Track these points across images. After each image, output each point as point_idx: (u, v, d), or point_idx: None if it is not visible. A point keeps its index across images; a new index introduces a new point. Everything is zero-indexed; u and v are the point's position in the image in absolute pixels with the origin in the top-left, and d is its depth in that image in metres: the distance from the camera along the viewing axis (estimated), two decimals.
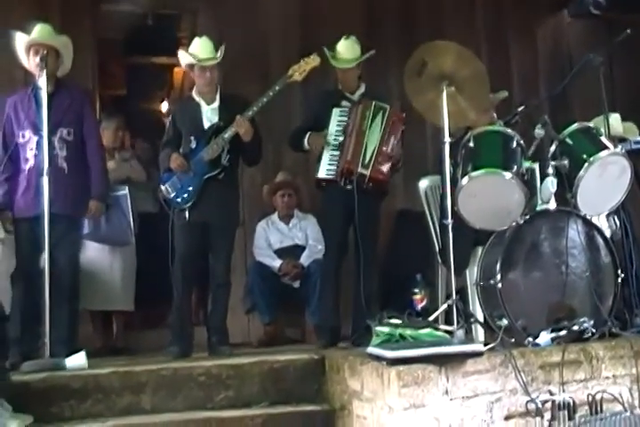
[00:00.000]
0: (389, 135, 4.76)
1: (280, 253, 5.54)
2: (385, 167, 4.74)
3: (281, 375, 3.88)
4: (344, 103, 4.86)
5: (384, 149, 4.73)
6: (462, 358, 3.10)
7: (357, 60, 4.87)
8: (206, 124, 4.69)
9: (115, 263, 5.30)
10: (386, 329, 3.58)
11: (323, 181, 4.84)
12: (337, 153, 4.77)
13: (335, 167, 4.75)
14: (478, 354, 3.13)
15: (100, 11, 6.27)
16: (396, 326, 3.60)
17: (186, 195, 4.60)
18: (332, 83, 5.10)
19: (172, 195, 4.65)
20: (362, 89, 4.95)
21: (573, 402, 2.81)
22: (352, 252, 4.82)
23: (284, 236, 5.63)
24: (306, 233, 5.59)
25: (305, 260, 5.46)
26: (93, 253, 5.20)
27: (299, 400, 3.80)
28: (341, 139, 4.77)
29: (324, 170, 4.78)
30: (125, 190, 5.29)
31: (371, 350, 3.33)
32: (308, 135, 4.85)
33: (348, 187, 4.70)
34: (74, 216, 4.67)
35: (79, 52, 5.87)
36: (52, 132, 4.42)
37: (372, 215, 4.79)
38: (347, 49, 4.89)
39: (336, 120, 4.81)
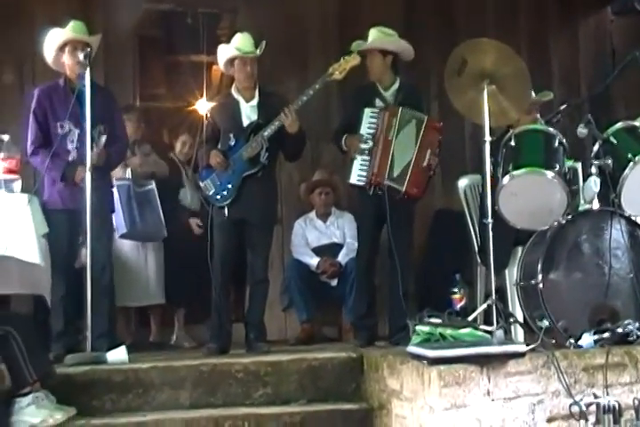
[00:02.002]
0: (426, 148, 4.64)
1: (318, 250, 5.54)
2: (422, 181, 4.66)
3: (319, 373, 3.88)
4: (377, 102, 4.79)
5: (420, 162, 4.63)
6: (504, 358, 3.07)
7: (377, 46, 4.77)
8: (245, 122, 4.70)
9: (148, 258, 5.37)
10: (426, 328, 3.57)
11: (354, 186, 4.82)
12: (367, 158, 4.71)
13: (365, 173, 4.69)
14: (520, 355, 3.10)
15: (142, 9, 6.32)
16: (437, 325, 3.59)
17: (225, 192, 4.62)
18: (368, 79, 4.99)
19: (212, 192, 4.68)
20: (396, 85, 4.84)
21: (619, 405, 2.76)
22: (387, 252, 4.76)
23: (321, 234, 5.64)
24: (343, 231, 5.59)
25: (342, 258, 5.46)
26: (126, 249, 5.26)
27: (336, 399, 3.81)
28: (371, 144, 4.71)
29: (355, 175, 4.73)
30: (152, 185, 5.37)
31: (411, 349, 3.31)
32: (344, 137, 4.81)
33: (379, 193, 4.66)
34: (108, 211, 4.73)
35: (121, 50, 6.03)
36: (92, 127, 4.47)
37: (405, 218, 4.72)
38: (372, 34, 4.84)
39: (367, 122, 4.73)
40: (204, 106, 7.36)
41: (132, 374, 3.82)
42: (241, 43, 4.71)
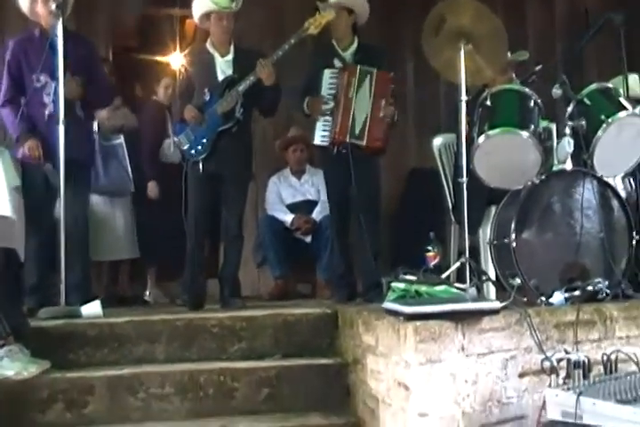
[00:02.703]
0: (379, 99, 4.63)
1: (292, 207, 5.58)
2: (381, 132, 4.64)
3: (294, 328, 3.92)
4: (336, 63, 4.74)
5: (377, 114, 4.62)
6: (478, 315, 3.11)
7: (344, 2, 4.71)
8: (220, 77, 4.66)
9: (117, 213, 5.38)
10: (401, 285, 3.61)
11: (318, 148, 4.81)
12: (330, 119, 4.68)
13: (328, 133, 4.68)
14: (494, 312, 3.15)
15: None
16: (412, 282, 3.63)
17: (199, 147, 4.61)
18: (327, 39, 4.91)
19: (186, 146, 4.66)
20: (354, 45, 4.78)
21: (588, 361, 2.84)
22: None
23: (295, 191, 5.66)
24: (318, 188, 5.61)
25: (317, 215, 5.49)
26: (95, 203, 5.23)
27: (311, 354, 3.85)
28: (332, 104, 4.68)
29: (319, 136, 4.71)
30: (121, 139, 5.36)
31: (387, 305, 3.35)
32: (306, 100, 4.76)
33: (343, 151, 4.64)
34: (88, 163, 4.69)
35: (93, 3, 5.90)
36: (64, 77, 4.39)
37: (370, 174, 4.71)
38: None
39: (327, 83, 4.69)
40: (177, 59, 7.29)
41: (108, 329, 3.83)
42: None
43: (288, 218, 5.49)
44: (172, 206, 4.84)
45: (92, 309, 4.11)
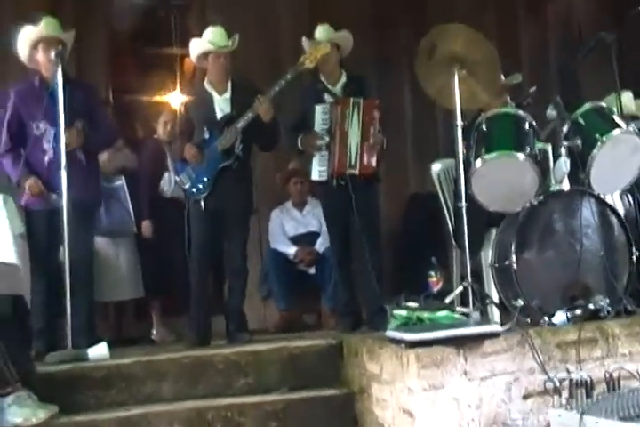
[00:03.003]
0: (368, 127, 4.66)
1: (295, 240, 5.60)
2: (372, 160, 4.67)
3: (299, 361, 3.92)
4: (327, 98, 4.79)
5: (366, 142, 4.65)
6: (480, 339, 3.13)
7: (329, 41, 4.77)
8: (219, 115, 4.71)
9: (120, 253, 5.42)
10: (403, 312, 3.62)
11: (317, 182, 4.84)
12: (325, 153, 4.72)
13: (326, 168, 4.71)
14: (495, 335, 3.16)
15: (114, 3, 6.32)
16: (414, 309, 3.64)
17: (201, 185, 4.64)
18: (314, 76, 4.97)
19: (187, 185, 4.69)
20: (343, 79, 4.84)
21: (591, 380, 2.83)
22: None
23: (298, 223, 5.68)
24: (320, 220, 5.60)
25: (320, 246, 5.51)
26: (98, 245, 5.22)
27: (318, 385, 3.84)
28: (328, 139, 4.71)
29: (317, 172, 4.76)
30: (122, 181, 5.41)
31: (389, 333, 3.36)
32: (300, 138, 4.81)
33: (342, 183, 4.67)
34: (91, 207, 4.73)
35: (92, 45, 6.01)
36: (70, 124, 4.45)
37: (370, 204, 4.75)
38: (320, 32, 4.85)
39: (320, 119, 4.74)
40: (177, 98, 7.39)
41: (115, 370, 3.83)
42: (214, 36, 4.70)
43: (291, 250, 5.51)
44: (175, 243, 4.87)
45: (99, 351, 4.11)
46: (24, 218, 4.57)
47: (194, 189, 4.67)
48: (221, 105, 4.73)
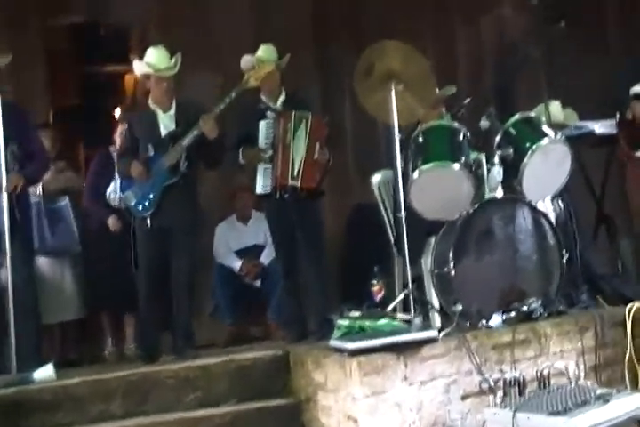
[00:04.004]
0: (314, 142, 4.77)
1: (240, 253, 5.63)
2: (316, 175, 4.77)
3: (247, 373, 3.99)
4: (269, 114, 4.86)
5: (311, 157, 4.75)
6: (419, 344, 3.23)
7: (277, 62, 4.89)
8: (163, 132, 4.74)
9: (65, 273, 5.35)
10: (346, 322, 3.70)
11: (261, 195, 4.91)
12: (269, 166, 4.81)
13: (269, 181, 4.80)
14: (434, 340, 3.26)
15: (48, 24, 6.31)
16: (356, 318, 3.72)
17: (147, 202, 4.66)
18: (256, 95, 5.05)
19: (133, 202, 4.70)
20: (283, 95, 4.94)
21: (523, 379, 2.96)
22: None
23: (243, 236, 5.73)
24: (265, 232, 5.64)
25: (265, 258, 5.56)
26: (42, 266, 5.22)
27: (266, 396, 3.90)
28: (271, 152, 4.80)
29: (260, 185, 4.84)
30: (66, 200, 5.37)
31: (333, 342, 3.44)
32: (241, 150, 4.88)
33: (285, 196, 4.76)
34: (27, 229, 4.72)
35: (28, 67, 5.98)
36: (4, 147, 4.44)
37: (313, 217, 4.84)
38: (264, 52, 4.94)
39: (264, 133, 4.83)
40: (119, 116, 7.40)
41: (61, 391, 3.84)
42: (156, 59, 4.71)
43: (236, 264, 5.56)
44: (122, 257, 4.89)
45: (45, 372, 4.07)
46: None
47: (139, 207, 4.68)
48: (165, 122, 4.75)
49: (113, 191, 5.32)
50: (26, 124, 4.72)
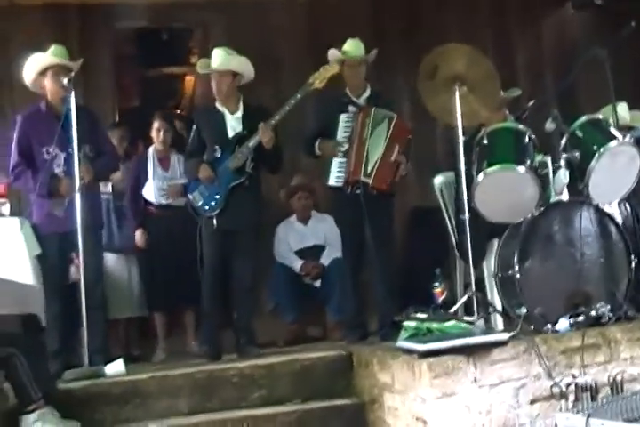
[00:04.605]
0: (393, 144, 4.79)
1: (301, 253, 5.67)
2: (388, 177, 4.79)
3: (311, 372, 4.02)
4: (350, 108, 4.91)
5: (388, 158, 4.77)
6: (488, 347, 3.23)
7: (364, 56, 4.94)
8: (230, 134, 4.80)
9: (132, 270, 5.46)
10: (413, 324, 3.72)
11: (333, 188, 4.94)
12: (344, 160, 4.85)
13: (343, 175, 4.83)
14: (503, 343, 3.26)
15: (117, 29, 6.44)
16: (423, 320, 3.73)
17: (213, 203, 4.73)
18: (340, 88, 5.12)
19: (200, 203, 4.77)
20: (367, 92, 4.98)
21: (595, 384, 2.94)
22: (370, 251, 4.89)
23: (302, 237, 5.76)
24: (324, 233, 5.71)
25: (325, 259, 5.59)
26: (110, 262, 5.33)
27: (329, 396, 3.94)
28: (347, 146, 4.84)
29: (334, 177, 4.87)
30: None
31: (401, 344, 3.46)
32: (318, 142, 4.93)
33: (357, 192, 4.78)
34: (98, 229, 4.84)
35: (98, 70, 6.13)
36: (78, 150, 4.55)
37: (383, 216, 4.84)
38: (353, 46, 4.98)
39: (343, 127, 4.87)
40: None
41: (131, 386, 3.93)
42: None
43: (297, 264, 5.59)
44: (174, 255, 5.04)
45: (116, 367, 4.19)
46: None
47: (206, 207, 4.75)
48: (233, 124, 4.81)
49: (145, 191, 5.39)
50: (96, 125, 4.84)
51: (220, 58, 4.81)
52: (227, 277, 4.94)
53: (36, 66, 4.67)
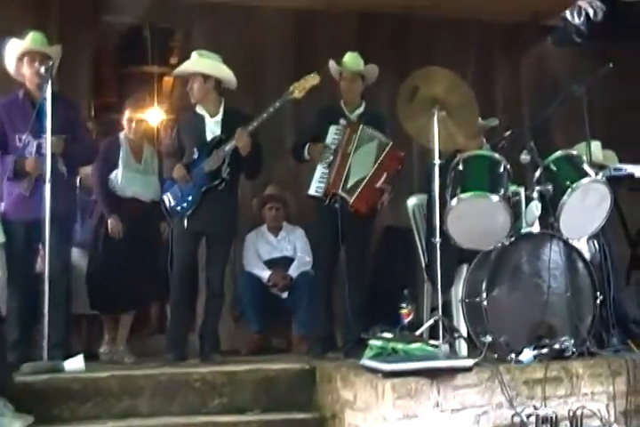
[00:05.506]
0: (381, 171, 4.86)
1: (269, 264, 5.69)
2: (370, 201, 4.85)
3: (273, 383, 4.04)
4: (341, 121, 4.97)
5: (373, 183, 4.84)
6: (452, 372, 3.28)
7: (360, 70, 5.04)
8: (209, 137, 4.82)
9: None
10: (379, 343, 3.76)
11: (312, 197, 4.98)
12: (327, 171, 4.91)
13: (323, 185, 4.89)
14: (467, 369, 3.31)
15: (99, 21, 6.41)
16: (388, 339, 3.78)
17: (185, 204, 4.74)
18: (334, 100, 5.22)
19: (173, 203, 4.79)
20: (361, 108, 5.07)
21: (555, 416, 3.00)
22: (342, 266, 4.96)
23: (272, 247, 5.79)
24: (294, 245, 5.76)
25: (293, 271, 5.62)
26: (75, 256, 5.22)
27: (290, 408, 3.96)
28: (332, 158, 4.91)
29: (314, 187, 4.92)
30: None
31: (365, 362, 3.49)
32: (307, 145, 4.99)
33: (336, 206, 4.84)
34: (70, 220, 4.80)
35: (76, 61, 6.08)
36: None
37: (361, 234, 4.91)
38: (353, 59, 5.08)
39: (331, 138, 4.93)
40: (155, 115, 7.50)
41: (91, 383, 3.92)
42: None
43: (265, 274, 5.62)
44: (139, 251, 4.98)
45: (76, 363, 4.18)
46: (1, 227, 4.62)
47: (178, 208, 4.76)
48: (212, 127, 4.83)
49: (114, 179, 5.20)
50: (75, 115, 4.83)
51: (190, 60, 4.87)
52: (195, 280, 4.96)
53: (12, 52, 4.67)
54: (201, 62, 4.85)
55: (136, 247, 5.01)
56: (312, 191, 4.93)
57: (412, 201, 5.06)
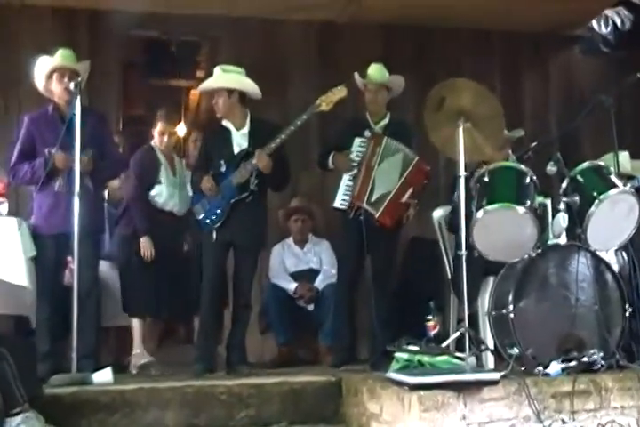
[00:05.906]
0: (407, 186, 4.88)
1: (295, 276, 5.72)
2: (396, 215, 4.86)
3: (299, 396, 4.03)
4: (366, 133, 5.00)
5: (399, 198, 4.85)
6: (479, 385, 3.26)
7: (384, 82, 5.06)
8: (236, 150, 4.85)
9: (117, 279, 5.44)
10: (405, 355, 3.74)
11: (337, 210, 4.99)
12: (351, 184, 4.94)
13: (348, 198, 4.91)
14: (494, 382, 3.29)
15: (127, 36, 6.50)
16: (414, 352, 3.76)
17: (214, 217, 4.77)
18: (359, 111, 5.25)
19: (201, 216, 4.83)
20: (386, 120, 5.09)
21: None
22: (368, 277, 4.96)
23: (298, 259, 5.81)
24: (320, 257, 5.77)
25: (319, 283, 5.64)
26: (104, 269, 5.29)
27: (316, 421, 3.95)
28: (356, 170, 4.93)
29: (339, 200, 4.95)
30: None
31: (391, 375, 3.49)
32: (332, 155, 5.02)
33: (360, 218, 4.85)
34: (97, 234, 4.86)
35: (105, 75, 6.17)
36: (80, 152, 4.56)
37: (387, 247, 4.93)
38: (377, 71, 5.11)
39: (356, 150, 4.96)
40: (183, 128, 7.58)
41: (119, 395, 3.92)
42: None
43: (291, 286, 5.63)
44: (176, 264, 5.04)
45: (104, 376, 4.22)
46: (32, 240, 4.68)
47: (207, 220, 4.79)
48: (239, 140, 4.86)
49: (157, 194, 5.27)
50: (103, 129, 4.89)
51: (213, 76, 4.93)
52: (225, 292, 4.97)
53: (42, 69, 4.75)
54: (224, 77, 4.89)
55: (169, 261, 5.10)
56: (337, 204, 4.95)
57: (437, 213, 5.06)
